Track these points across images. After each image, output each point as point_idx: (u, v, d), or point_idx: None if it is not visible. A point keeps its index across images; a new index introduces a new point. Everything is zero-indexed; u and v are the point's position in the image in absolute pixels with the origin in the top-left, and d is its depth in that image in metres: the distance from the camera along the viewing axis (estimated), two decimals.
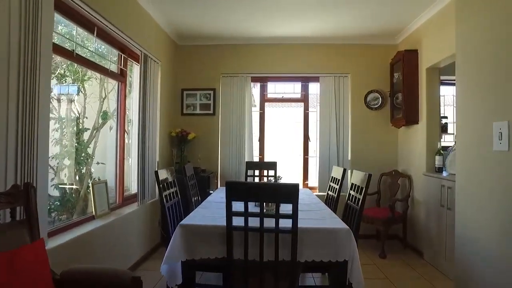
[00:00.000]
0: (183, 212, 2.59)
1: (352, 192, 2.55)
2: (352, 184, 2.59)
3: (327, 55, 4.57)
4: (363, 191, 2.30)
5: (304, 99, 4.81)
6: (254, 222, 1.74)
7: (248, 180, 4.06)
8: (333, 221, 2.06)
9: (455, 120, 1.82)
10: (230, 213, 1.73)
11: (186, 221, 1.98)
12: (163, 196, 2.23)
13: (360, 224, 2.36)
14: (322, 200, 3.11)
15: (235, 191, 1.71)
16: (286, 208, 1.71)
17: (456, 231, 1.86)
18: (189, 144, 4.47)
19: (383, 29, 4.16)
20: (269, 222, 1.73)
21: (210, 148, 4.59)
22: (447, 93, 4.88)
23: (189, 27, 4.18)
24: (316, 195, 3.35)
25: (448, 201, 3.13)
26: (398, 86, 4.13)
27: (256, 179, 4.20)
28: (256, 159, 4.71)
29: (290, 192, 1.66)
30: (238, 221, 1.76)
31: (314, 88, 4.86)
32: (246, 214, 1.72)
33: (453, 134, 4.60)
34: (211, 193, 3.81)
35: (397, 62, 4.16)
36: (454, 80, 4.59)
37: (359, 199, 2.35)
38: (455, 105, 4.47)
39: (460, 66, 1.84)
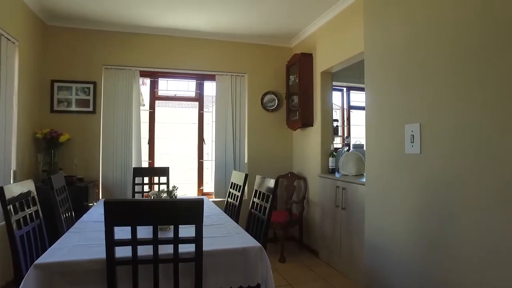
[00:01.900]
0: (48, 240, 1.97)
1: (256, 200, 2.34)
2: (256, 191, 2.38)
3: (225, 52, 4.33)
4: (270, 199, 2.10)
5: (199, 98, 4.48)
6: (145, 250, 1.35)
7: (135, 189, 3.52)
8: (242, 237, 1.79)
9: (365, 123, 1.75)
10: (111, 243, 1.29)
11: (46, 257, 1.41)
12: (12, 222, 1.60)
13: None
14: (221, 207, 2.85)
15: (118, 213, 1.29)
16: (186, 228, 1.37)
17: (365, 236, 1.81)
18: (62, 148, 3.66)
19: (280, 31, 4.14)
20: (165, 248, 1.37)
21: (89, 152, 3.84)
22: (334, 98, 5.19)
23: (63, 4, 3.37)
24: (213, 201, 3.07)
25: (342, 201, 3.23)
26: (294, 89, 4.17)
27: (146, 188, 3.69)
28: (145, 164, 4.16)
29: (193, 211, 1.32)
30: (123, 251, 1.34)
31: (210, 87, 4.57)
32: (134, 242, 1.31)
33: (341, 136, 4.91)
34: (91, 205, 3.16)
35: (293, 64, 4.20)
36: (341, 86, 4.98)
37: (265, 207, 2.15)
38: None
39: (369, 67, 1.80)
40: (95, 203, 3.30)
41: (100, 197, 3.84)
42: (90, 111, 3.86)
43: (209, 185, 4.54)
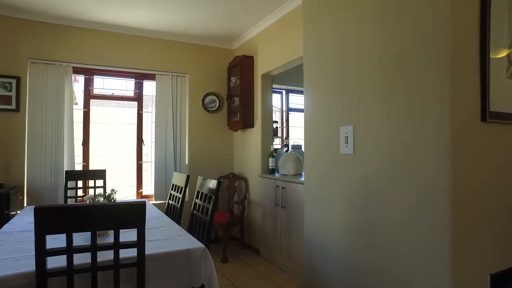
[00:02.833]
0: None
1: (198, 201, 2.34)
2: (198, 192, 2.38)
3: (166, 52, 4.23)
4: (212, 200, 2.12)
5: (138, 98, 4.31)
6: (80, 258, 1.29)
7: (68, 194, 3.27)
8: (185, 239, 1.78)
9: (303, 125, 1.85)
10: (42, 253, 1.21)
11: None
12: None
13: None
14: (162, 209, 2.79)
15: (51, 220, 1.20)
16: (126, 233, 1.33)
17: (305, 234, 1.91)
18: None
19: (222, 32, 4.16)
20: (104, 255, 1.31)
21: (11, 154, 3.47)
22: (273, 100, 5.36)
23: None
24: (153, 204, 2.99)
25: (282, 200, 3.36)
26: (235, 90, 4.22)
27: (80, 192, 3.45)
28: (79, 167, 3.89)
29: (134, 214, 1.29)
30: (56, 261, 1.26)
31: (149, 87, 4.42)
32: (70, 250, 1.24)
33: (281, 137, 5.08)
34: (14, 214, 2.87)
35: (234, 66, 4.25)
36: (280, 89, 5.16)
37: (207, 208, 2.15)
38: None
39: (307, 71, 1.91)
40: (18, 212, 3.01)
41: (25, 204, 3.50)
42: (13, 109, 3.50)
43: (148, 188, 4.39)
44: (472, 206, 1.24)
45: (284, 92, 5.20)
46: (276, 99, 5.36)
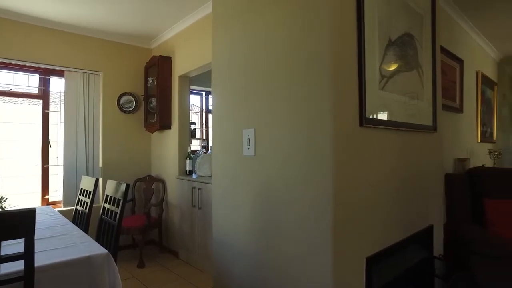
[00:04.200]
0: None
1: (107, 206, 2.26)
2: (107, 196, 2.30)
3: (77, 47, 3.92)
4: (121, 204, 2.07)
5: (44, 95, 3.94)
6: None
7: None
8: (88, 246, 1.70)
9: (211, 126, 1.91)
10: None
11: None
12: None
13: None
14: (70, 217, 2.62)
15: None
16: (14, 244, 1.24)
17: (213, 234, 1.96)
18: None
19: (139, 31, 4.03)
20: None
21: None
22: (194, 102, 5.36)
23: None
24: (59, 211, 2.79)
25: (198, 201, 3.39)
26: (152, 91, 4.13)
27: None
28: None
29: (21, 223, 1.21)
30: None
31: (57, 84, 4.07)
32: None
33: (200, 139, 5.10)
34: None
35: (151, 66, 4.15)
36: (200, 90, 5.17)
37: (116, 212, 2.09)
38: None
39: (215, 75, 1.97)
40: None
41: None
42: None
43: (58, 193, 4.04)
44: (352, 201, 1.43)
45: (204, 93, 5.23)
46: (196, 100, 5.37)
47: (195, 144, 4.80)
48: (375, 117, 1.56)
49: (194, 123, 4.70)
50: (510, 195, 2.53)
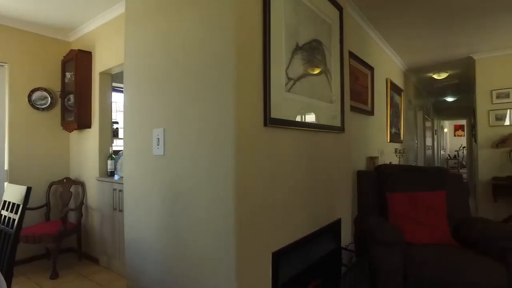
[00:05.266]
0: None
1: (4, 213, 2.05)
2: (5, 202, 2.08)
3: None
4: (20, 210, 1.89)
5: None
6: None
7: None
8: None
9: (123, 125, 1.86)
10: None
11: None
12: None
13: (20, 247, 1.93)
14: None
15: None
16: None
17: (125, 234, 1.91)
18: None
19: (56, 20, 3.70)
20: None
21: None
22: (118, 100, 5.11)
23: None
24: None
25: (119, 203, 3.25)
26: (71, 87, 3.84)
27: None
28: None
29: None
30: None
31: None
32: None
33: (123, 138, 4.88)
34: None
35: (69, 60, 3.86)
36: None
37: (14, 220, 1.91)
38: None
39: (127, 74, 1.91)
40: None
41: None
42: None
43: None
44: (257, 199, 1.49)
45: None
46: (120, 98, 5.12)
47: (119, 144, 4.58)
48: (281, 117, 1.64)
49: (117, 122, 4.48)
50: (406, 189, 2.84)
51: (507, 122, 4.90)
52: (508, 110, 4.90)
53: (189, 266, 1.55)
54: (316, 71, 2.01)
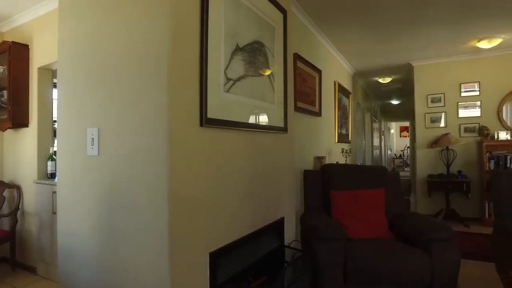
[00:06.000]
0: None
1: None
2: None
3: None
4: None
5: None
6: None
7: None
8: None
9: (57, 124, 1.78)
10: None
11: None
12: None
13: None
14: None
15: None
16: None
17: (58, 239, 1.82)
18: None
19: None
20: None
21: None
22: None
23: None
24: None
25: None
26: (4, 82, 3.56)
27: None
28: None
29: None
30: None
31: None
32: None
33: None
34: None
35: (2, 53, 3.56)
36: None
37: None
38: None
39: (60, 71, 1.82)
40: None
41: None
42: None
43: None
44: (193, 200, 1.48)
45: None
46: None
47: None
48: (219, 117, 1.64)
49: None
50: (348, 187, 2.99)
51: (442, 124, 5.32)
52: (442, 113, 5.33)
53: (125, 270, 1.50)
54: (258, 72, 2.05)
